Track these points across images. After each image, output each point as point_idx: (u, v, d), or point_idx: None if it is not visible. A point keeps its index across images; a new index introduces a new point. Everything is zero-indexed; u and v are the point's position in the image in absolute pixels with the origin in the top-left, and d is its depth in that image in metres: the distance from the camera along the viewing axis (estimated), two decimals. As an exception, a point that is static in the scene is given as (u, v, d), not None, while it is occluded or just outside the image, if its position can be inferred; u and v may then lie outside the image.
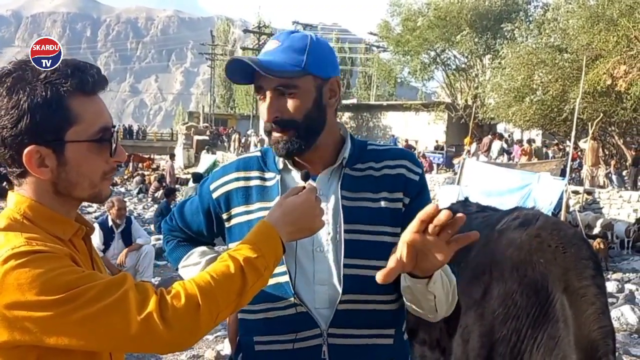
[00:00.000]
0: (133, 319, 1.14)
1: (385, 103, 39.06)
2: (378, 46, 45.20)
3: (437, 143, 30.01)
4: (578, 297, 2.51)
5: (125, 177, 28.49)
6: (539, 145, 24.25)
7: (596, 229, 12.48)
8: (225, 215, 1.69)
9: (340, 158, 1.62)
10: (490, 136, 23.83)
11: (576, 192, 15.71)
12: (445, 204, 4.77)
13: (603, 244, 10.45)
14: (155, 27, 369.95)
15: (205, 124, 43.18)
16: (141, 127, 58.84)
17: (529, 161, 19.74)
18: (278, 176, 1.64)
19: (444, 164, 26.10)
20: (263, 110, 1.57)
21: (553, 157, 21.00)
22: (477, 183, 13.96)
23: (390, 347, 1.61)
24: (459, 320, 2.78)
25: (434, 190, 16.06)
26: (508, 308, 2.66)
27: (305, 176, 1.56)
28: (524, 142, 23.03)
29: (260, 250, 1.32)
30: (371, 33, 43.67)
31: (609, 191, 16.31)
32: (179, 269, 1.85)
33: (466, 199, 4.30)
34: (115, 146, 1.31)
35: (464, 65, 32.02)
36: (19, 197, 1.27)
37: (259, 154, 1.72)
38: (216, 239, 1.83)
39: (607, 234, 12.23)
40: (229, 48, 66.52)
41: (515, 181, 13.33)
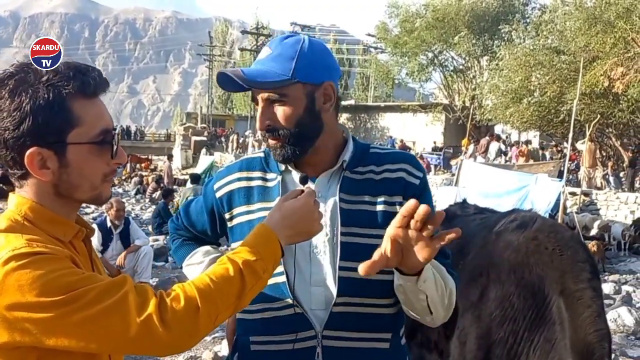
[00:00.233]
0: (132, 321, 1.14)
1: (382, 104, 39.10)
2: (376, 47, 45.19)
3: (435, 144, 30.02)
4: (574, 300, 2.52)
5: (123, 178, 28.39)
6: (535, 146, 24.25)
7: (593, 231, 12.49)
8: (227, 215, 1.70)
9: (340, 161, 1.63)
10: (487, 137, 23.81)
11: (573, 194, 15.72)
12: (443, 205, 4.78)
13: (599, 246, 10.46)
14: (153, 28, 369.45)
15: (203, 125, 43.12)
16: (139, 128, 58.72)
17: (527, 162, 19.73)
18: (279, 177, 1.65)
19: (441, 165, 26.09)
20: (257, 119, 1.60)
21: (551, 159, 21.01)
22: (475, 184, 13.95)
23: (386, 352, 1.61)
24: (457, 322, 2.79)
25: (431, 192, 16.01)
26: (505, 310, 2.67)
27: (303, 180, 1.57)
28: (521, 144, 23.04)
29: (259, 253, 1.32)
30: (369, 34, 43.66)
31: (606, 193, 16.33)
32: (183, 267, 1.87)
33: (464, 201, 4.30)
34: (116, 148, 1.32)
35: (461, 67, 32.08)
36: (20, 199, 1.27)
37: (262, 154, 1.72)
38: (220, 238, 1.85)
39: (605, 235, 12.24)
40: (227, 49, 66.49)
41: (513, 183, 13.32)
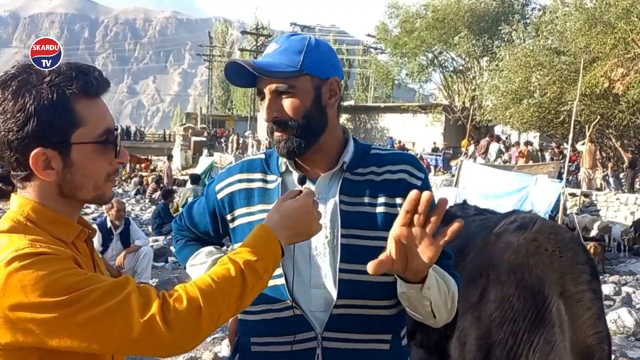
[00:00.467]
0: (135, 322, 1.14)
1: (382, 105, 39.07)
2: (376, 48, 45.22)
3: (435, 145, 30.00)
4: (574, 302, 2.52)
5: (123, 179, 28.37)
6: (535, 147, 24.22)
7: (593, 232, 12.47)
8: (229, 216, 1.70)
9: (341, 162, 1.63)
10: (487, 138, 23.77)
11: (573, 195, 15.72)
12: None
13: (597, 247, 10.44)
14: (153, 29, 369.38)
15: (203, 125, 43.13)
16: (139, 128, 58.74)
17: (527, 163, 19.72)
18: (280, 179, 1.65)
19: (441, 166, 26.07)
20: (263, 111, 1.59)
21: (552, 159, 20.99)
22: (475, 185, 13.95)
23: (387, 353, 1.60)
24: (457, 323, 2.79)
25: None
26: (505, 311, 2.67)
27: (301, 180, 1.58)
28: (521, 144, 23.02)
29: (259, 253, 1.33)
30: (369, 35, 43.68)
31: (606, 194, 16.32)
32: (186, 268, 1.88)
33: (464, 202, 4.30)
34: (119, 148, 1.33)
35: (461, 67, 32.09)
36: (22, 200, 1.28)
37: (263, 156, 1.73)
38: (223, 239, 1.86)
39: (605, 236, 12.23)
40: (226, 49, 66.44)
41: (513, 183, 13.31)
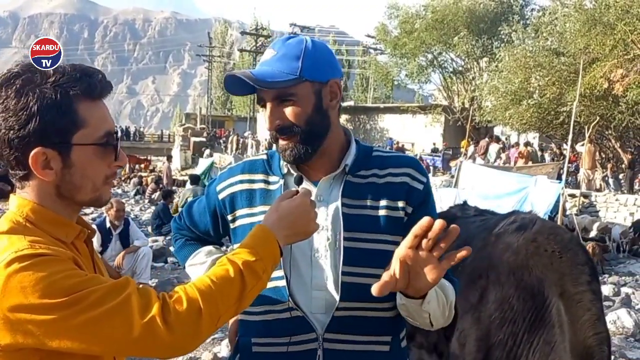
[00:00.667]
0: (136, 323, 1.14)
1: (382, 105, 39.11)
2: (375, 48, 45.25)
3: (434, 145, 30.01)
4: (574, 303, 2.52)
5: (123, 179, 28.37)
6: (535, 148, 24.22)
7: (593, 233, 12.48)
8: (230, 217, 1.70)
9: (342, 164, 1.62)
10: (487, 139, 23.77)
11: (573, 196, 15.73)
12: (444, 207, 4.78)
13: (594, 247, 10.43)
14: (152, 29, 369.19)
15: (202, 126, 43.14)
16: (138, 129, 58.76)
17: (526, 164, 19.72)
18: (282, 180, 1.65)
19: (441, 167, 26.07)
20: (265, 119, 1.59)
21: (552, 160, 20.98)
22: (475, 186, 13.96)
23: (386, 355, 1.61)
24: (456, 324, 2.79)
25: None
26: (504, 312, 2.67)
27: (298, 180, 1.58)
28: (520, 145, 23.03)
29: (258, 253, 1.33)
30: (369, 35, 43.80)
31: (605, 194, 16.33)
32: (185, 267, 1.88)
33: (464, 203, 4.30)
34: (118, 151, 1.33)
35: (461, 68, 32.12)
36: (21, 200, 1.27)
37: (265, 156, 1.73)
38: (223, 238, 1.86)
39: (604, 237, 12.24)
40: (226, 50, 66.51)
41: (512, 184, 13.31)
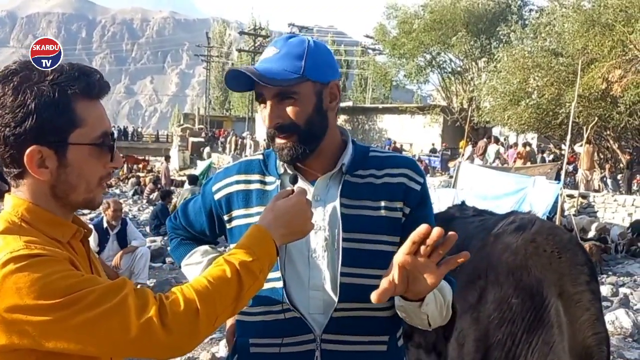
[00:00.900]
0: (132, 324, 1.13)
1: (380, 106, 39.13)
2: (374, 49, 45.33)
3: (433, 146, 30.03)
4: (573, 303, 2.52)
5: (121, 179, 28.35)
6: (533, 148, 24.25)
7: (591, 233, 12.48)
8: (226, 217, 1.70)
9: (339, 164, 1.62)
10: (485, 139, 23.79)
11: (571, 196, 15.73)
12: (442, 207, 4.77)
13: (591, 247, 10.42)
14: (150, 29, 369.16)
15: (201, 126, 43.14)
16: (136, 129, 58.76)
17: (525, 165, 19.73)
18: (278, 181, 1.64)
19: (439, 167, 26.08)
20: (265, 117, 1.58)
21: (551, 161, 21.00)
22: (473, 186, 13.96)
23: (384, 354, 1.62)
24: (455, 324, 2.79)
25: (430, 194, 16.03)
26: (503, 312, 2.67)
27: (293, 179, 1.57)
28: (519, 145, 23.04)
29: (255, 253, 1.33)
30: (367, 36, 43.87)
31: (603, 195, 16.34)
32: (181, 267, 1.87)
33: (463, 203, 4.29)
34: (114, 152, 1.32)
35: (459, 69, 32.15)
36: (16, 200, 1.27)
37: (261, 157, 1.72)
38: (218, 238, 1.85)
39: (603, 237, 12.25)
40: (224, 50, 66.53)
41: (511, 185, 13.31)
